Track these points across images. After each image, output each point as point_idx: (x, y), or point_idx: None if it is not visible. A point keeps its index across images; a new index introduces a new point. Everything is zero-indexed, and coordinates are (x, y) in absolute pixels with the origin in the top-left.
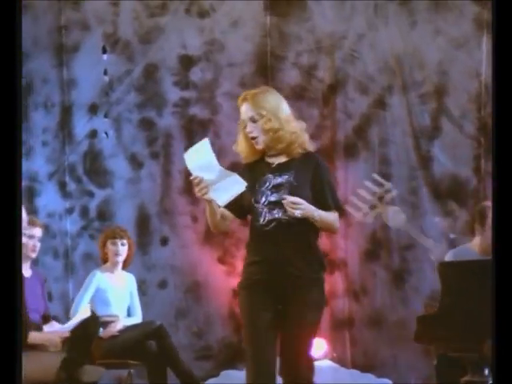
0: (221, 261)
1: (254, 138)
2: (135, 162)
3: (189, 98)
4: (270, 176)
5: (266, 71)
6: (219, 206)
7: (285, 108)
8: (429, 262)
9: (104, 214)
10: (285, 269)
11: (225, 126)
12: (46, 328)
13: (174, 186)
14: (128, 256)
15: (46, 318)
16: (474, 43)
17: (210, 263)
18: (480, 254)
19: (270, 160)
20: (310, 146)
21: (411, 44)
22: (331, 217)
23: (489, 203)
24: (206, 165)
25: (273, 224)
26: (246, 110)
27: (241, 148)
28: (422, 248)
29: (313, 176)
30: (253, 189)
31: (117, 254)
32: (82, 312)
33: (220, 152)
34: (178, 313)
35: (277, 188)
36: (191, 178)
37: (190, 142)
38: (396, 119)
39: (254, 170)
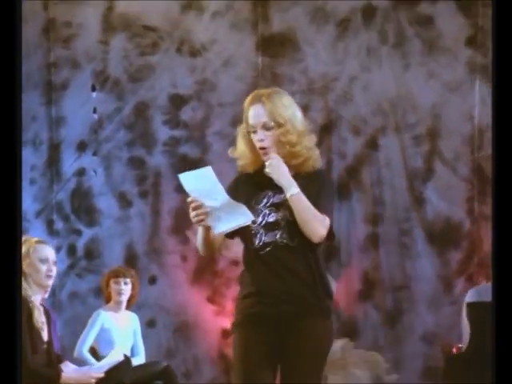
0: (210, 300)
1: (263, 149)
2: (124, 201)
3: (179, 137)
4: (270, 193)
5: None
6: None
7: (301, 117)
8: (421, 302)
9: (92, 253)
10: (285, 299)
11: (215, 166)
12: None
13: (163, 225)
14: (132, 295)
15: (59, 358)
16: (467, 87)
17: (199, 303)
18: None
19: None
20: (320, 163)
21: (404, 86)
22: (317, 213)
23: None
24: (209, 191)
25: (269, 248)
26: (258, 113)
27: (240, 154)
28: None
29: (316, 193)
30: (248, 205)
31: (120, 294)
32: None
33: None
34: (166, 353)
35: (277, 207)
36: (189, 200)
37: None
38: (389, 160)
39: (251, 182)
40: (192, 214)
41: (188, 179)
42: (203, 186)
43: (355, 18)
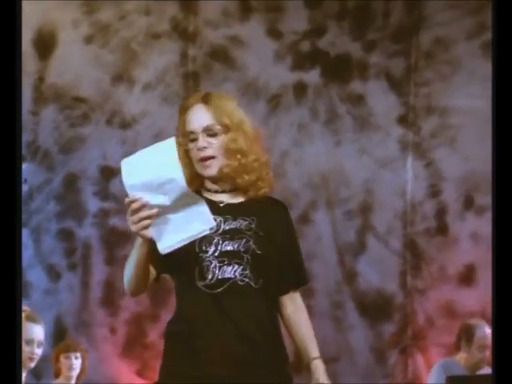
0: (140, 374)
1: (205, 159)
2: (53, 273)
3: (109, 209)
4: (219, 219)
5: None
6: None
7: (250, 123)
8: (355, 374)
9: None
10: (243, 361)
11: None
12: None
13: (92, 297)
14: (82, 369)
15: None
16: (399, 163)
17: (128, 376)
18: (465, 369)
19: (215, 197)
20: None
21: (336, 162)
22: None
23: (474, 321)
24: (160, 181)
25: (225, 286)
26: (199, 115)
27: None
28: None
29: (283, 234)
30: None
31: (70, 369)
32: None
33: None
34: None
35: (232, 234)
36: (127, 200)
37: (110, 252)
38: (320, 235)
39: None
40: (132, 218)
41: (132, 165)
42: (152, 172)
43: (287, 95)
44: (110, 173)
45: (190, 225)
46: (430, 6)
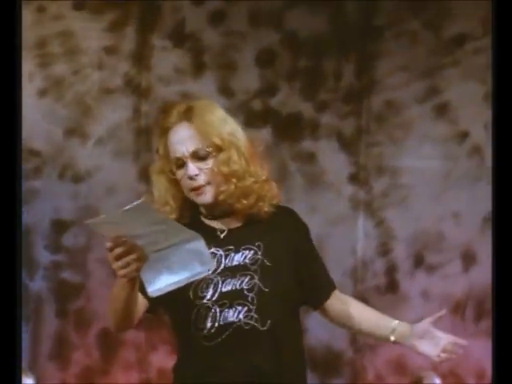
0: None
1: (197, 189)
2: None
3: (60, 262)
4: (219, 252)
5: None
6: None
7: (243, 134)
8: None
9: None
10: None
11: (97, 292)
12: None
13: (43, 351)
14: None
15: None
16: (349, 221)
17: None
18: None
19: (214, 224)
20: (279, 196)
21: None
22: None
23: (425, 373)
24: (147, 221)
25: (227, 333)
26: (183, 137)
27: (161, 202)
28: None
29: (297, 248)
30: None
31: None
32: None
33: (92, 318)
34: None
35: (233, 272)
36: (108, 245)
37: (61, 306)
38: None
39: None
40: (118, 264)
41: (103, 224)
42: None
43: None
44: (62, 226)
45: (186, 265)
46: (381, 69)
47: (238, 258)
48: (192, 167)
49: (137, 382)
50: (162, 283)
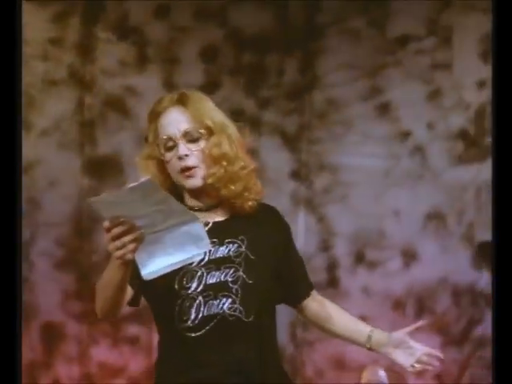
0: None
1: (187, 170)
2: None
3: None
4: None
5: (81, 232)
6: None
7: (234, 128)
8: None
9: None
10: None
11: (40, 285)
12: None
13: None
14: None
15: None
16: (290, 217)
17: None
18: None
19: (198, 216)
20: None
21: None
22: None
23: (370, 367)
24: (149, 201)
25: (211, 324)
26: (176, 118)
27: None
28: None
29: (279, 245)
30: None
31: None
32: None
33: (33, 311)
34: None
35: (218, 264)
36: (106, 224)
37: None
38: None
39: None
40: (115, 244)
41: (105, 203)
42: (137, 199)
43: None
44: None
45: (182, 247)
46: (323, 66)
47: (222, 251)
48: (183, 147)
49: (77, 375)
50: (156, 266)
